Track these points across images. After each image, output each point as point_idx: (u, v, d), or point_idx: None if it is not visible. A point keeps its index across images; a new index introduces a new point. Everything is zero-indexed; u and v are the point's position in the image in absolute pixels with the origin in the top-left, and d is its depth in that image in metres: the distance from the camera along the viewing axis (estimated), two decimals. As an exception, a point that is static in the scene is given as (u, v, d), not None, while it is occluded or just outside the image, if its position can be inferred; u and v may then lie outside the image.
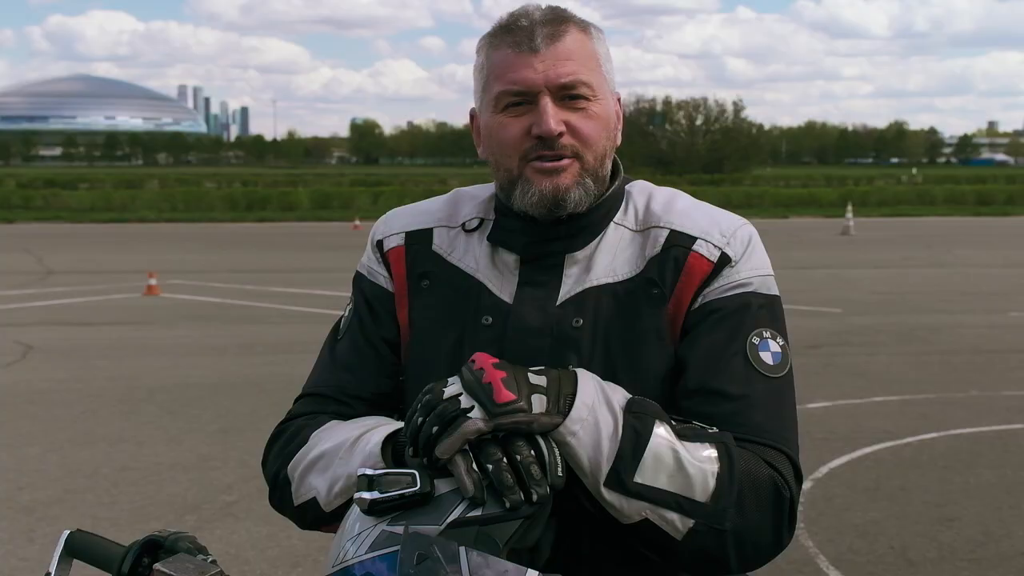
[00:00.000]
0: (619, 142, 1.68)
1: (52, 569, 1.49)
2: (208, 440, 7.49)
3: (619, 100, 1.69)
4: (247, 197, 41.94)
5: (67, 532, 1.52)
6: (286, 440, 1.64)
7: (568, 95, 1.56)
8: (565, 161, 1.57)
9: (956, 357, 10.73)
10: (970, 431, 7.75)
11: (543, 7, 1.62)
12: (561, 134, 1.56)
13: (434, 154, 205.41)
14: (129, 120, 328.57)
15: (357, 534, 1.34)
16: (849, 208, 31.96)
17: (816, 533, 5.52)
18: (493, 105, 1.60)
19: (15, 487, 6.41)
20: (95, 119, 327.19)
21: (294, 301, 14.97)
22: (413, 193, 44.16)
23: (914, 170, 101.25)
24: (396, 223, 1.76)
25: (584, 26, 1.62)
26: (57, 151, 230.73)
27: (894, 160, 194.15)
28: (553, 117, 1.55)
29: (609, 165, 1.65)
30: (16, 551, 5.39)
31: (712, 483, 1.40)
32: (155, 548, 1.47)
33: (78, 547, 1.51)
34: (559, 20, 1.59)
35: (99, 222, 34.75)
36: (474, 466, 1.32)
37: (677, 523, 1.39)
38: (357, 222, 31.97)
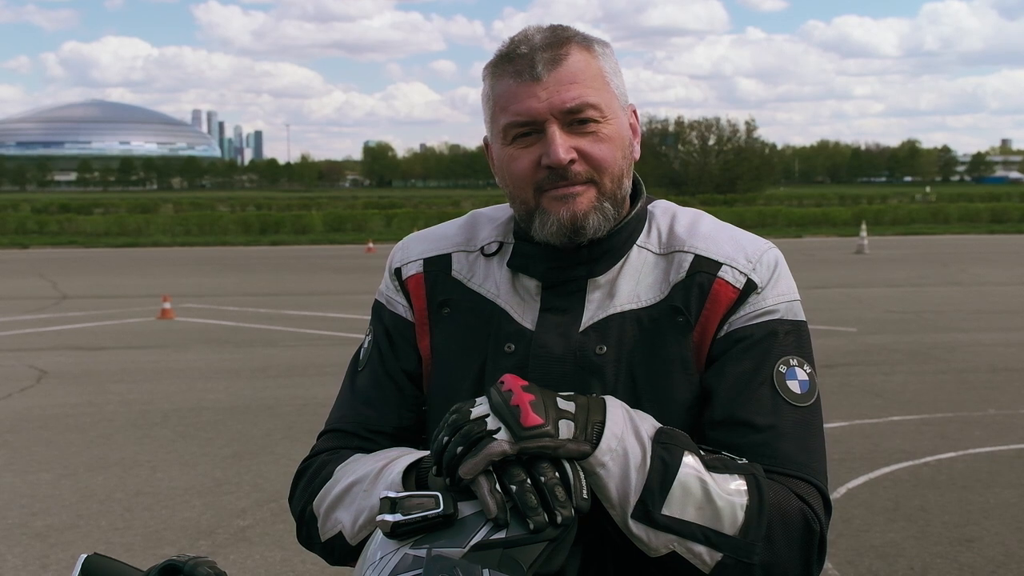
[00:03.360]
0: (637, 156, 1.64)
1: None
2: (222, 464, 7.47)
3: (634, 112, 1.65)
4: (261, 220, 42.07)
5: (84, 556, 1.49)
6: (310, 476, 1.63)
7: (576, 119, 1.53)
8: (579, 187, 1.54)
9: (973, 376, 10.65)
10: (989, 450, 7.68)
11: (544, 29, 1.58)
12: (572, 161, 1.52)
13: (447, 176, 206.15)
14: (144, 145, 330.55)
15: (379, 559, 1.32)
16: (863, 227, 31.88)
17: (835, 555, 5.46)
18: (502, 137, 1.57)
19: (29, 513, 6.40)
20: (110, 144, 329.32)
21: (308, 324, 14.97)
22: (427, 215, 44.25)
23: (927, 188, 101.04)
24: (414, 250, 1.73)
25: (587, 44, 1.57)
26: (72, 176, 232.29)
27: (907, 178, 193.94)
28: (562, 146, 1.51)
29: (628, 185, 1.62)
30: (30, 577, 5.37)
31: (741, 516, 1.38)
32: (174, 573, 1.45)
33: (95, 571, 1.48)
34: (559, 43, 1.55)
35: (113, 247, 34.91)
36: (497, 487, 1.30)
37: (705, 556, 1.37)
38: (371, 244, 32.01)
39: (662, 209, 1.68)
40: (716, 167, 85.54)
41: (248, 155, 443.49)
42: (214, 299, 18.34)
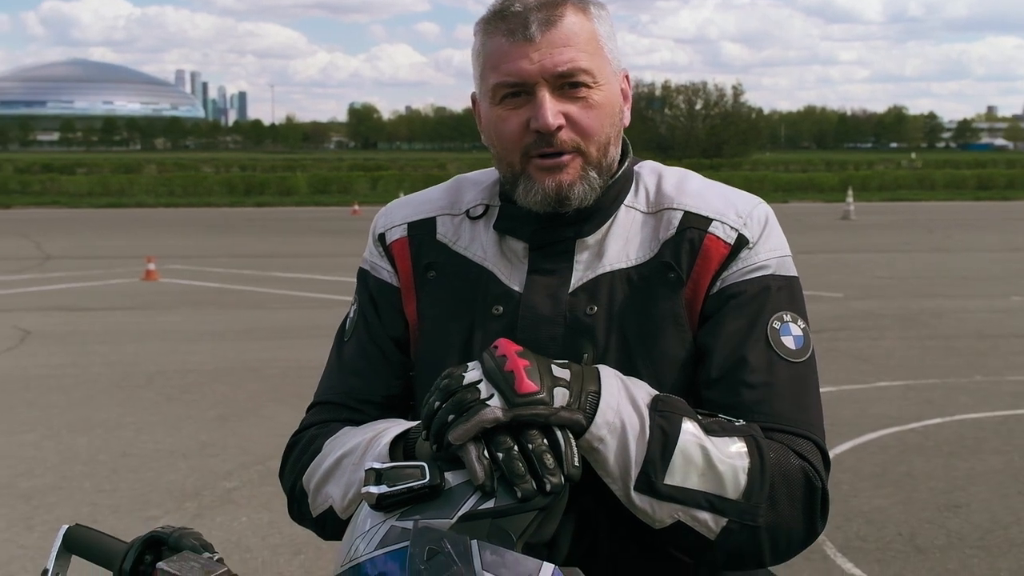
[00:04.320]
0: (627, 123, 1.61)
1: (50, 565, 1.43)
2: (207, 427, 7.42)
3: (626, 78, 1.61)
4: (245, 182, 41.85)
5: (66, 527, 1.45)
6: (300, 451, 1.60)
7: (567, 83, 1.49)
8: (566, 157, 1.51)
9: (959, 342, 10.67)
10: (975, 416, 7.69)
11: None
12: (560, 128, 1.49)
13: (433, 139, 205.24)
14: (127, 105, 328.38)
15: (367, 530, 1.29)
16: (849, 193, 31.88)
17: (822, 520, 5.46)
18: (490, 96, 1.53)
19: (13, 474, 6.35)
20: (93, 104, 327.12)
21: (292, 286, 14.91)
22: (412, 178, 44.08)
23: (913, 155, 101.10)
24: (397, 214, 1.70)
25: (583, 5, 1.53)
26: (55, 136, 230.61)
27: (893, 145, 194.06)
28: (550, 110, 1.48)
29: (615, 152, 1.59)
30: (15, 539, 5.33)
31: (743, 479, 1.36)
32: (158, 545, 1.41)
33: (77, 542, 1.45)
34: (554, 3, 1.50)
35: (97, 207, 34.68)
36: (485, 454, 1.26)
37: (710, 523, 1.35)
38: (356, 207, 31.91)
39: (649, 169, 1.66)
40: (703, 132, 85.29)
41: (232, 116, 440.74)
42: (199, 260, 18.24)
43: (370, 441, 1.47)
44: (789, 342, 1.51)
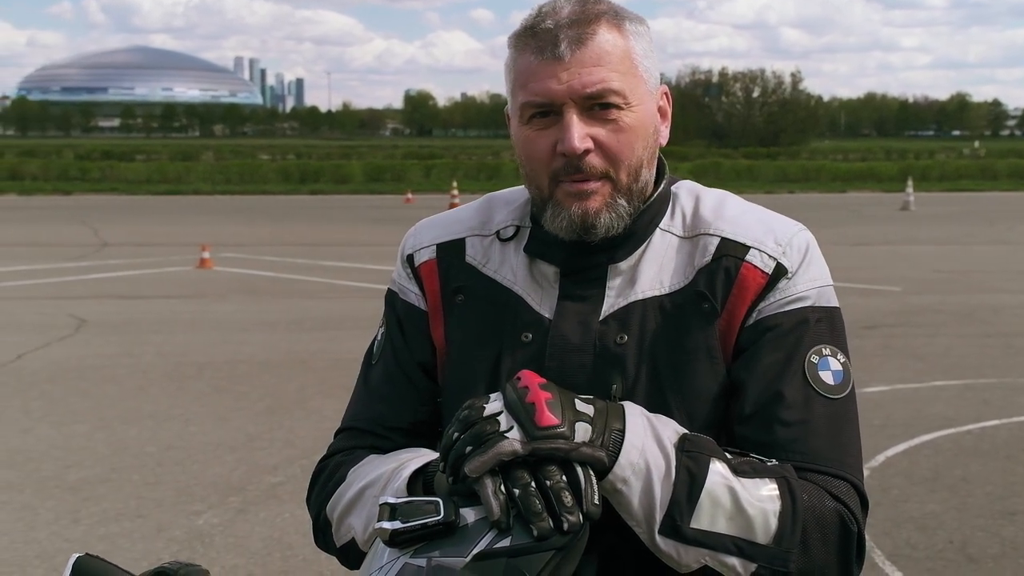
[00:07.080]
0: (664, 142, 1.55)
1: None
2: (255, 419, 7.47)
3: (666, 94, 1.55)
4: (300, 170, 42.06)
5: (75, 556, 1.44)
6: (325, 479, 1.58)
7: (597, 104, 1.43)
8: (594, 184, 1.45)
9: (1019, 340, 10.43)
10: (1034, 419, 7.51)
11: (574, 0, 1.47)
12: (588, 152, 1.43)
13: (488, 126, 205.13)
14: (186, 91, 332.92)
15: (383, 565, 1.27)
16: (909, 182, 31.30)
17: (872, 526, 5.35)
18: (519, 115, 1.49)
19: (63, 465, 6.43)
20: (153, 90, 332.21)
21: (345, 275, 14.98)
22: (466, 166, 44.10)
23: (976, 143, 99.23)
24: (426, 235, 1.66)
25: (618, 21, 1.47)
26: (115, 122, 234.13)
27: (956, 133, 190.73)
28: (577, 134, 1.42)
29: (647, 175, 1.52)
30: (61, 531, 5.39)
31: (774, 523, 1.32)
32: None
33: (86, 572, 1.44)
34: (587, 20, 1.44)
35: (154, 194, 35.07)
36: (502, 488, 1.23)
37: (738, 568, 1.32)
38: (409, 195, 32.03)
39: (686, 190, 1.59)
40: (760, 119, 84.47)
41: (290, 102, 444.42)
42: (253, 248, 18.39)
43: (392, 472, 1.45)
44: (827, 377, 1.45)
